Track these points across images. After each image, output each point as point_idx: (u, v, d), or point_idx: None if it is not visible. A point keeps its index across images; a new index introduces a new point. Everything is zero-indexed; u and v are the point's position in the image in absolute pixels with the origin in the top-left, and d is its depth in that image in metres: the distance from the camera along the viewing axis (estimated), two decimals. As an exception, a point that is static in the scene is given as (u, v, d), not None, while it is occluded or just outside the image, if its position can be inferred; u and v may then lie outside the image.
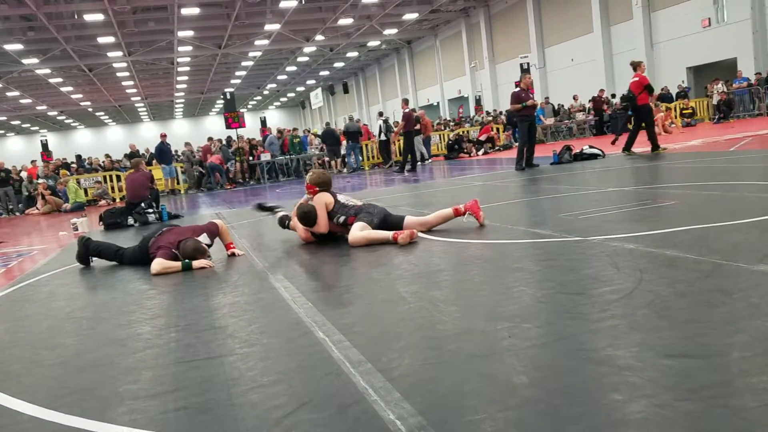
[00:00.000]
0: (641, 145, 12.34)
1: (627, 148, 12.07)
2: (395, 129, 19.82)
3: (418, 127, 17.70)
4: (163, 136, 19.17)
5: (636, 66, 11.97)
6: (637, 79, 11.64)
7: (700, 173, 8.01)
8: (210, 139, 21.38)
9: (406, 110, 16.91)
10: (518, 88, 12.70)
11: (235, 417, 2.18)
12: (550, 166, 11.91)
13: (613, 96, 24.86)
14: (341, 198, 5.89)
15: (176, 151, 21.70)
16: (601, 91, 23.57)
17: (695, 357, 2.19)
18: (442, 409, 2.02)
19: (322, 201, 5.80)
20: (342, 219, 5.73)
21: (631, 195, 6.64)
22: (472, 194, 9.22)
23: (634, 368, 2.15)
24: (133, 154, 19.20)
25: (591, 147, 12.42)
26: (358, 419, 2.02)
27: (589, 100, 23.81)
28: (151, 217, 10.30)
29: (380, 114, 21.62)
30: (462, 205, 5.72)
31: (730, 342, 2.29)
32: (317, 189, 5.92)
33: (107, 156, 21.18)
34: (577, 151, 12.27)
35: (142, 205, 10.37)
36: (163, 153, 18.64)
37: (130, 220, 10.24)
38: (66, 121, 59.04)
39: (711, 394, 1.88)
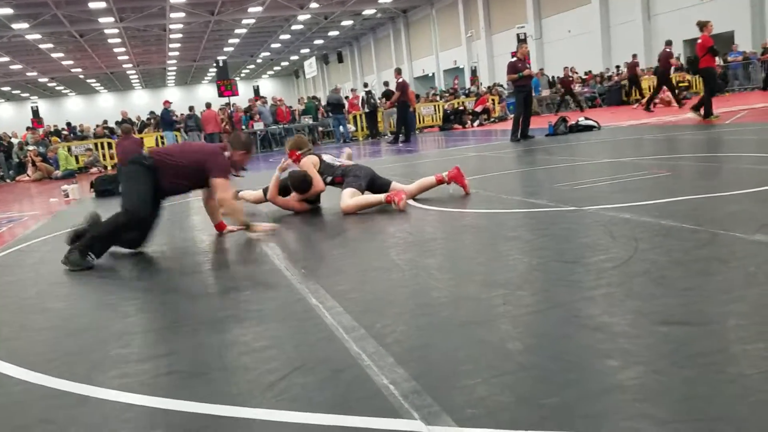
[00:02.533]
0: (639, 117, 12.27)
1: (707, 114, 11.28)
2: (384, 100, 19.57)
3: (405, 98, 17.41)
4: (167, 103, 18.98)
5: (702, 26, 11.19)
6: (701, 41, 11.03)
7: (696, 145, 7.97)
8: (208, 106, 20.89)
9: (400, 80, 16.72)
10: (515, 58, 12.56)
11: (227, 381, 2.16)
12: (546, 137, 11.84)
13: (608, 70, 24.72)
14: (326, 158, 5.84)
15: (181, 115, 21.34)
16: (568, 69, 22.90)
17: (692, 324, 2.18)
18: (436, 374, 2.00)
19: (309, 162, 5.74)
20: (329, 179, 5.69)
21: (627, 166, 6.61)
22: (466, 165, 9.17)
23: (630, 335, 2.14)
24: (124, 121, 18.98)
25: (587, 119, 12.35)
26: (351, 383, 2.00)
27: (559, 79, 23.20)
28: (143, 185, 10.20)
29: (365, 85, 21.37)
30: (445, 173, 5.66)
31: (727, 310, 2.27)
32: (299, 153, 5.87)
33: (103, 122, 20.87)
34: (573, 122, 12.20)
35: (134, 172, 10.26)
36: (165, 120, 18.50)
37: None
38: (57, 88, 58.28)
39: (707, 361, 1.87)
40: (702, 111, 11.35)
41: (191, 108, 19.58)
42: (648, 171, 5.90)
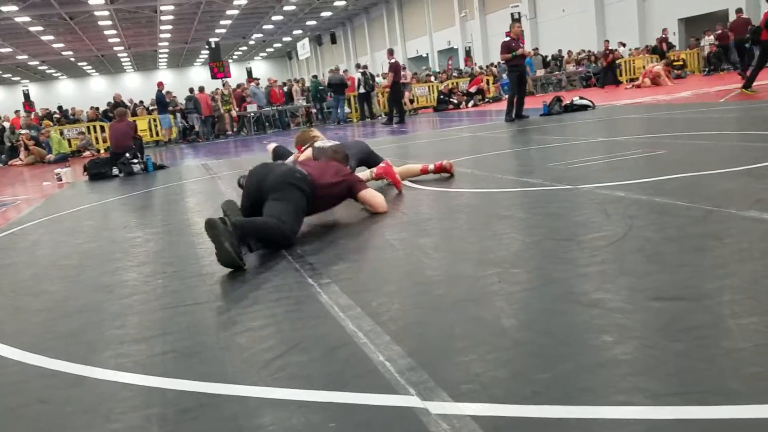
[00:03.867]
0: (635, 95, 12.25)
1: (747, 85, 11.21)
2: (383, 82, 19.47)
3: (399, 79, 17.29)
4: (160, 84, 18.72)
5: None
6: (764, 17, 10.66)
7: (690, 124, 7.97)
8: (201, 89, 20.75)
9: (392, 61, 16.63)
10: (508, 38, 12.49)
11: (223, 360, 2.17)
12: (540, 117, 11.82)
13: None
14: (317, 143, 5.79)
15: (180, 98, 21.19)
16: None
17: (685, 299, 2.19)
18: (432, 351, 2.01)
19: (308, 154, 5.73)
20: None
21: (621, 145, 6.60)
22: (460, 146, 9.16)
23: (624, 310, 2.15)
24: (117, 104, 18.83)
25: (581, 98, 12.32)
26: (348, 361, 2.01)
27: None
28: (136, 168, 10.16)
29: (358, 66, 21.18)
30: (432, 165, 5.66)
31: (721, 285, 2.28)
32: (303, 148, 5.89)
33: (94, 108, 20.70)
34: (568, 102, 12.17)
35: (127, 155, 10.22)
36: (161, 102, 18.33)
37: (115, 171, 10.10)
38: (48, 71, 57.73)
39: (701, 335, 1.88)
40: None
41: (191, 90, 19.41)
42: (643, 150, 5.90)
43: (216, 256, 3.25)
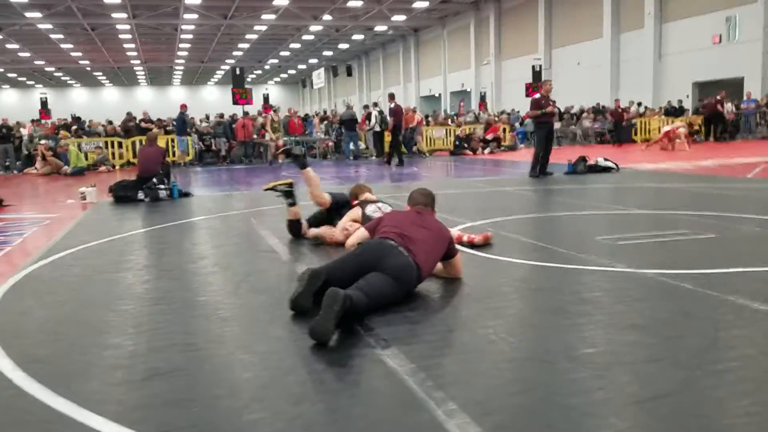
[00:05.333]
0: (652, 160, 12.28)
1: None
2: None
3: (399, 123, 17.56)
4: (183, 106, 18.46)
5: None
6: None
7: (727, 202, 8.00)
8: (245, 114, 20.69)
9: (392, 105, 17.15)
10: (538, 95, 12.61)
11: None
12: (565, 175, 11.86)
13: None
14: (368, 210, 5.60)
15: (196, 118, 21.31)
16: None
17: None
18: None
19: (351, 215, 5.67)
20: None
21: (664, 221, 6.61)
22: (490, 201, 9.13)
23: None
24: (144, 123, 18.91)
25: (606, 159, 12.40)
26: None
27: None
28: (162, 194, 10.12)
29: (375, 104, 21.40)
30: (476, 236, 5.48)
31: None
32: (356, 202, 5.81)
33: (109, 122, 20.77)
34: (592, 162, 12.24)
35: (154, 180, 10.19)
36: (183, 124, 18.30)
37: (140, 195, 10.06)
38: (63, 78, 58.08)
39: None
40: None
41: (221, 115, 19.55)
42: (690, 230, 5.89)
43: (315, 324, 3.16)
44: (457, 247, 4.47)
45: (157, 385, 2.77)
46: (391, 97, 17.69)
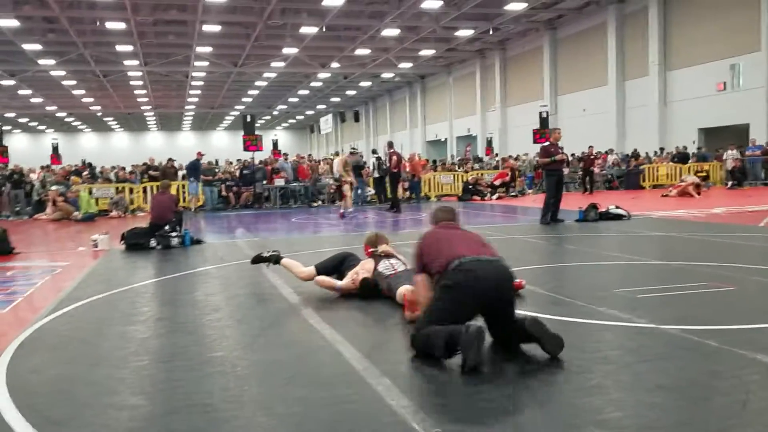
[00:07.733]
0: (668, 207, 12.25)
1: None
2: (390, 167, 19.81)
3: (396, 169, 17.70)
4: (200, 154, 19.59)
5: None
6: None
7: (740, 251, 7.94)
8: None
9: (390, 152, 17.38)
10: (548, 143, 12.69)
11: None
12: (576, 223, 11.83)
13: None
14: (381, 267, 5.55)
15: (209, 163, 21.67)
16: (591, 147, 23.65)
17: None
18: None
19: (365, 266, 5.66)
20: (379, 290, 5.51)
21: (681, 272, 6.54)
22: (504, 251, 9.07)
23: None
24: (149, 167, 19.11)
25: (617, 207, 12.38)
26: None
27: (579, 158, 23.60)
28: (174, 241, 10.12)
29: (374, 152, 21.74)
30: None
31: None
32: (371, 250, 5.82)
33: (122, 168, 21.00)
34: (603, 210, 12.22)
35: (166, 228, 10.21)
36: (196, 170, 18.91)
37: (152, 242, 10.06)
38: (73, 123, 58.91)
39: None
40: None
41: (251, 160, 19.93)
42: (707, 283, 5.82)
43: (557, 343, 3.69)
44: None
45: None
46: (390, 145, 18.08)
